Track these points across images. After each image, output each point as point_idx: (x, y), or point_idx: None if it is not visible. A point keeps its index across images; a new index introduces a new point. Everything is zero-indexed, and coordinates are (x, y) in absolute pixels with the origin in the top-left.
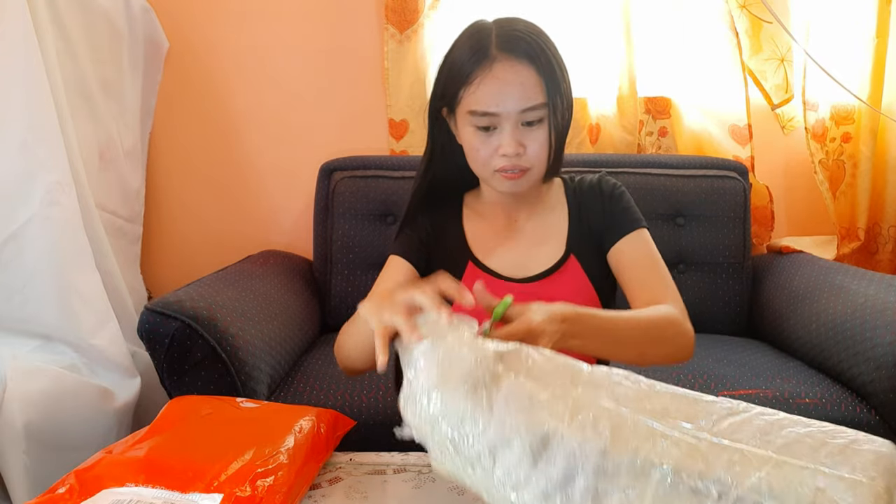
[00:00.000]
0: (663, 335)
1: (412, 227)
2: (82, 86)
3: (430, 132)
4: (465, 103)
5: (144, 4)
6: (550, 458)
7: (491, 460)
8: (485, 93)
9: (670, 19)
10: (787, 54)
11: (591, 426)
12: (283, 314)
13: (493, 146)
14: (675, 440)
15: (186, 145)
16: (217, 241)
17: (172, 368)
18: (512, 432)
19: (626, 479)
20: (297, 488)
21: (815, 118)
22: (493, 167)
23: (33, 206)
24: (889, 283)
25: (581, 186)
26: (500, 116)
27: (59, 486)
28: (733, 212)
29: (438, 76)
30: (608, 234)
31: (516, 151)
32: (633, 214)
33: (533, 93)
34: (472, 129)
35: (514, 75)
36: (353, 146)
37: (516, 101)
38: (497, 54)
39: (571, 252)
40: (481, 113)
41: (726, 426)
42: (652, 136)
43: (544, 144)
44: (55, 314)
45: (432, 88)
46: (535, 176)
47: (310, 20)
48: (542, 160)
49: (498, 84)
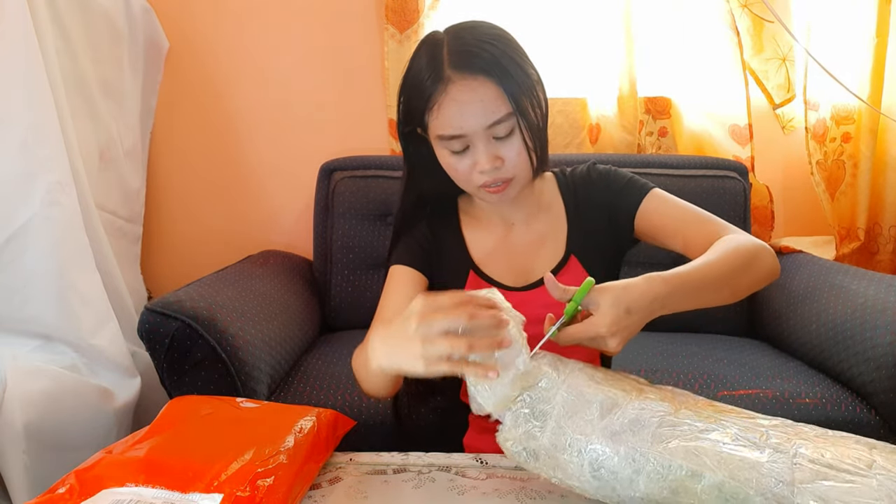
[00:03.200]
0: (748, 261)
1: (410, 234)
2: (82, 86)
3: (405, 152)
4: (432, 128)
5: (144, 4)
6: (620, 412)
7: (566, 412)
8: (446, 117)
9: (670, 19)
10: (789, 54)
11: (656, 400)
12: (283, 314)
13: (469, 165)
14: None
15: (186, 145)
16: (217, 241)
17: (172, 368)
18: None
19: (691, 426)
20: (297, 488)
21: (815, 118)
22: (476, 184)
23: (33, 206)
24: (889, 283)
25: (574, 180)
26: (469, 136)
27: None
28: (733, 212)
29: (400, 97)
30: (622, 215)
31: (493, 166)
32: (637, 183)
33: (495, 106)
34: (445, 152)
35: (471, 94)
36: (353, 146)
37: (479, 119)
38: (451, 74)
39: (571, 252)
40: (448, 137)
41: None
42: (652, 136)
43: (521, 152)
44: (55, 314)
45: (397, 110)
46: (520, 183)
47: (310, 20)
48: (523, 167)
49: (457, 106)
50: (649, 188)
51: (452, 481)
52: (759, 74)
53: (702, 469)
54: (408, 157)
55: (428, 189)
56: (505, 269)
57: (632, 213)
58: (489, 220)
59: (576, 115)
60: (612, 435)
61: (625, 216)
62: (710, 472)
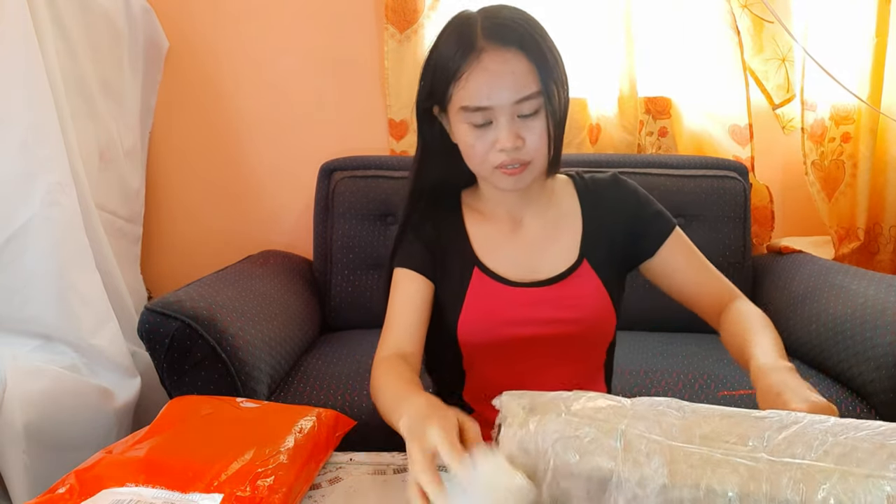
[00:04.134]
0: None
1: (415, 232)
2: (82, 86)
3: (420, 133)
4: (456, 99)
5: (144, 4)
6: (610, 500)
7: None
8: (475, 87)
9: (670, 19)
10: (789, 54)
11: (646, 462)
12: (283, 314)
13: (489, 142)
14: (734, 465)
15: (186, 145)
16: (217, 241)
17: (172, 368)
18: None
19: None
20: (297, 488)
21: (813, 118)
22: (492, 164)
23: (33, 207)
24: (889, 283)
25: (594, 186)
26: (494, 110)
27: (59, 486)
28: (733, 212)
29: (424, 73)
30: (644, 242)
31: (514, 145)
32: (665, 216)
33: (526, 82)
34: (466, 126)
35: (504, 65)
36: (353, 146)
37: (509, 93)
38: (484, 45)
39: (585, 257)
40: (473, 108)
41: (780, 441)
42: (652, 137)
43: (543, 135)
44: (55, 314)
45: (419, 87)
46: (537, 169)
47: (310, 20)
48: (542, 152)
49: (488, 76)
50: (674, 224)
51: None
52: (758, 75)
53: None
54: (422, 139)
55: (437, 175)
56: (510, 265)
57: (656, 245)
58: (494, 215)
59: (576, 115)
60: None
61: (648, 243)
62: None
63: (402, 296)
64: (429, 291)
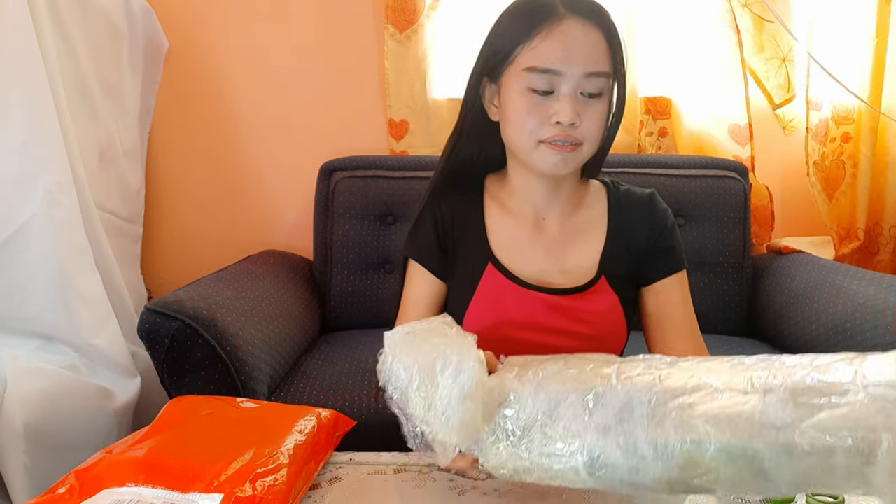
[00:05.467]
0: None
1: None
2: (82, 86)
3: (465, 105)
4: (522, 60)
5: (144, 4)
6: (605, 403)
7: (549, 419)
8: (549, 47)
9: (670, 19)
10: (789, 54)
11: (640, 380)
12: (283, 314)
13: (546, 112)
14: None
15: (186, 145)
16: (217, 241)
17: (172, 368)
18: (563, 394)
19: (681, 398)
20: (297, 488)
21: (818, 118)
22: (542, 136)
23: (33, 206)
24: (889, 284)
25: (628, 200)
26: (563, 77)
27: (59, 486)
28: (733, 212)
29: (488, 40)
30: (650, 267)
31: (572, 120)
32: (680, 254)
33: (600, 58)
34: (524, 91)
35: (584, 34)
36: (353, 146)
37: (583, 62)
38: (565, 12)
39: (603, 272)
40: (542, 69)
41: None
42: (652, 137)
43: (600, 120)
44: (55, 314)
45: (479, 53)
46: (584, 156)
47: (310, 20)
48: (595, 137)
49: (565, 40)
50: (684, 266)
51: (452, 481)
52: (759, 74)
53: (703, 438)
54: (462, 116)
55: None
56: (527, 266)
57: (657, 277)
58: (519, 209)
59: None
60: (603, 430)
61: (651, 272)
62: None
63: (416, 293)
64: (442, 291)
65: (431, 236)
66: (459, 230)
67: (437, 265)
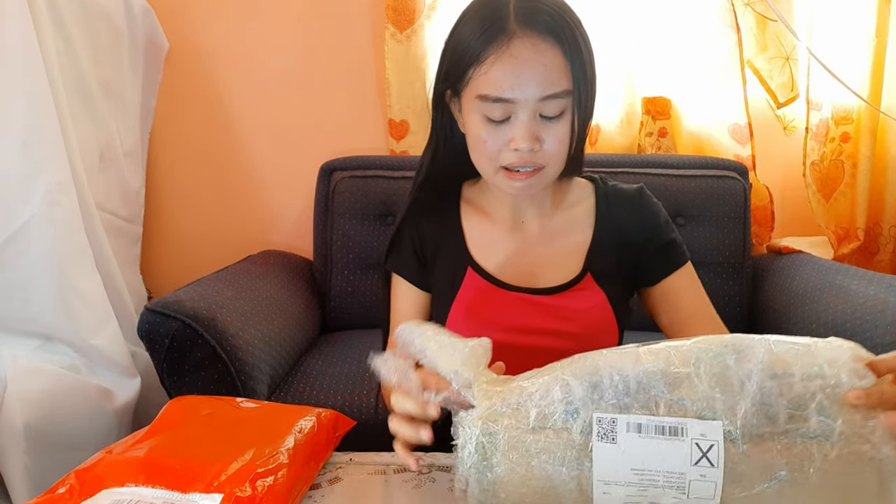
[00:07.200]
0: None
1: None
2: (82, 86)
3: (434, 119)
4: (475, 86)
5: (144, 4)
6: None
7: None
8: (499, 74)
9: (670, 19)
10: (792, 53)
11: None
12: (283, 314)
13: (503, 139)
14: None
15: (186, 145)
16: (217, 241)
17: (172, 368)
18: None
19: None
20: (297, 488)
21: (818, 118)
22: (501, 163)
23: (33, 207)
24: (889, 284)
25: (617, 196)
26: (517, 104)
27: (59, 486)
28: (733, 212)
29: (444, 53)
30: (652, 265)
31: (531, 147)
32: (680, 247)
33: (557, 78)
34: (479, 118)
35: (536, 55)
36: (353, 146)
37: (537, 87)
38: (516, 29)
39: (589, 269)
40: (493, 98)
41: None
42: (652, 137)
43: (564, 141)
44: (55, 314)
45: (437, 68)
46: (549, 176)
47: (310, 20)
48: (559, 159)
49: (516, 64)
50: (687, 258)
51: (453, 481)
52: (762, 73)
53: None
54: (436, 125)
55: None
56: (508, 267)
57: (662, 274)
58: (496, 211)
59: None
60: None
61: (654, 271)
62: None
63: (402, 306)
64: (427, 301)
65: (409, 249)
66: (437, 239)
67: (417, 277)
